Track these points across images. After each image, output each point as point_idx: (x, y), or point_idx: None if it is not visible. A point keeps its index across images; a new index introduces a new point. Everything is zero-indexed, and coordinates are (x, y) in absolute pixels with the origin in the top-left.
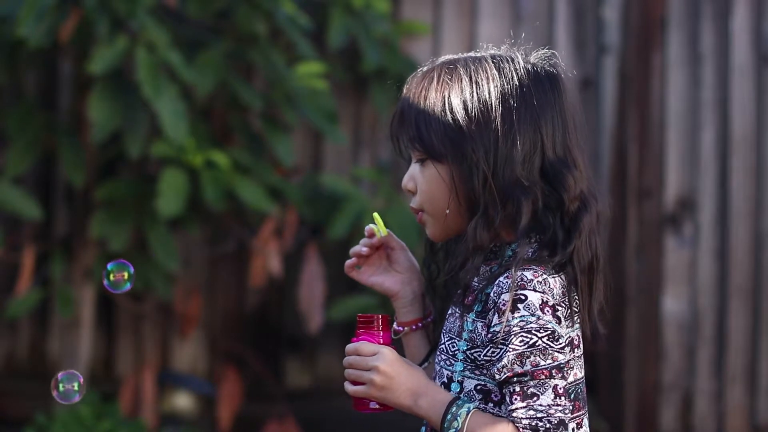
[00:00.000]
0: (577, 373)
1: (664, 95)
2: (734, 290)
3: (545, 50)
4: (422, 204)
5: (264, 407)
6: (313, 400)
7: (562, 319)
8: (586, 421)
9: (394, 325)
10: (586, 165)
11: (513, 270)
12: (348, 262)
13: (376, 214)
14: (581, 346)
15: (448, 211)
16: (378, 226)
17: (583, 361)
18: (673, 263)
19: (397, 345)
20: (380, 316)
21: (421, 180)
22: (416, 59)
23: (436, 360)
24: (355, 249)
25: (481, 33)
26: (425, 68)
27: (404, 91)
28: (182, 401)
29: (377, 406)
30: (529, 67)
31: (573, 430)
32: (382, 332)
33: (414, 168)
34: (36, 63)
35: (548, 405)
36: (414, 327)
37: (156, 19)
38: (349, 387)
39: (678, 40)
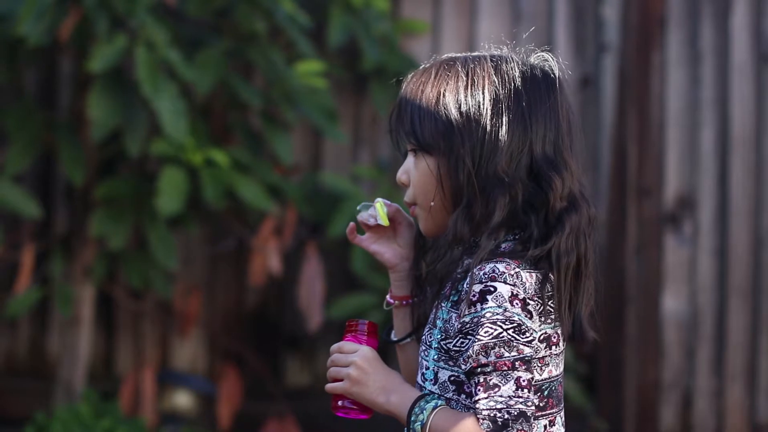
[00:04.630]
0: (553, 370)
1: (663, 94)
2: (734, 289)
3: (545, 52)
4: (415, 197)
5: (264, 406)
6: (313, 398)
7: (534, 313)
8: (560, 419)
9: (387, 297)
10: (578, 167)
11: (474, 261)
12: (350, 225)
13: (379, 203)
14: (560, 344)
15: (432, 204)
16: (380, 216)
17: (562, 359)
18: (672, 262)
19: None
20: (367, 322)
21: (414, 172)
22: (416, 58)
23: (420, 350)
24: (363, 217)
25: (481, 32)
26: (426, 65)
27: (403, 86)
28: (182, 400)
29: (353, 407)
30: (527, 68)
31: (545, 427)
32: (367, 337)
33: (408, 161)
34: (36, 61)
35: (509, 396)
36: (405, 302)
37: (155, 17)
38: (328, 385)
39: (678, 39)
